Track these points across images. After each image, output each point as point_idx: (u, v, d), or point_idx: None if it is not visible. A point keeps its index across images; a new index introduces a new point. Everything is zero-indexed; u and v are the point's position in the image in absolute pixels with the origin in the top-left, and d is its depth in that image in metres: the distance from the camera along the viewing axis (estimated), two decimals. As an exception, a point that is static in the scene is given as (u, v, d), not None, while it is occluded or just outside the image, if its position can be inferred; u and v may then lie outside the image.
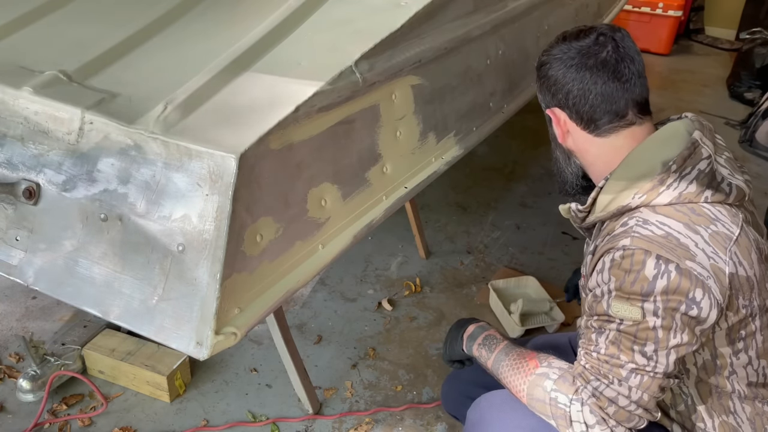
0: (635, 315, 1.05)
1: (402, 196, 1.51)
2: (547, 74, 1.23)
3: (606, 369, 1.08)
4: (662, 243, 1.05)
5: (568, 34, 1.23)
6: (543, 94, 1.26)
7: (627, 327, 1.06)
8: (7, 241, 1.27)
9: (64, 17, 1.54)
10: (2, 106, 1.25)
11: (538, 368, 1.17)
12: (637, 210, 1.11)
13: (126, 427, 1.86)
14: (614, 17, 2.95)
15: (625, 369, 1.06)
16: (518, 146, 3.55)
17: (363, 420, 1.91)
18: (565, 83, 1.20)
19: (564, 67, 1.20)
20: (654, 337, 1.04)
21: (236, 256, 1.12)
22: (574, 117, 1.22)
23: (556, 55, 1.21)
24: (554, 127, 1.27)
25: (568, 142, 1.26)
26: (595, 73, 1.17)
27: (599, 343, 1.09)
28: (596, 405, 1.07)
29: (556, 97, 1.22)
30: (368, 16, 1.48)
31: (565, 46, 1.21)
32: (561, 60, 1.20)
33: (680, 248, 1.04)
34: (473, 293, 2.47)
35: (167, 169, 1.13)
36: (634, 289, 1.04)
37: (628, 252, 1.06)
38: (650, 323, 1.04)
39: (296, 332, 2.21)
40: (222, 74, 1.28)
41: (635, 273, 1.04)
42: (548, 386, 1.13)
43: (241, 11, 1.58)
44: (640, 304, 1.04)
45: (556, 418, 1.12)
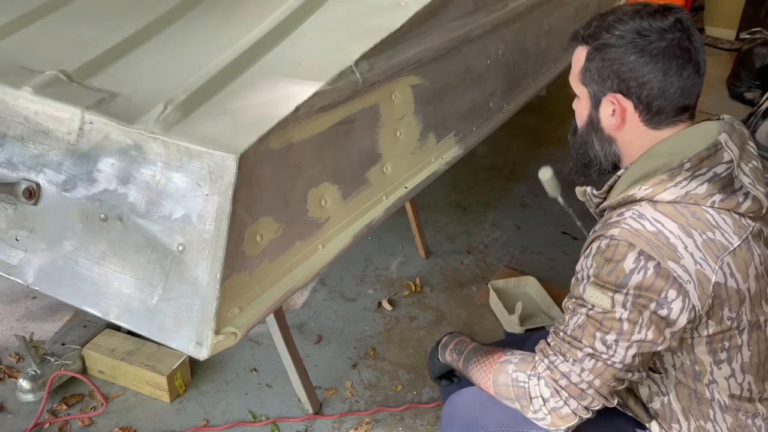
0: (605, 303, 1.06)
1: (402, 196, 1.51)
2: (615, 57, 1.11)
3: (566, 348, 1.10)
4: (649, 239, 1.04)
5: (640, 10, 1.11)
6: (600, 76, 1.14)
7: (595, 313, 1.07)
8: (7, 241, 1.27)
9: (64, 17, 1.54)
10: (2, 106, 1.25)
11: (501, 357, 1.20)
12: (638, 203, 1.10)
13: (126, 427, 1.86)
14: (614, 17, 2.95)
15: (583, 352, 1.08)
16: (518, 146, 3.55)
17: (363, 420, 1.91)
18: (644, 73, 1.09)
19: (644, 55, 1.09)
20: (618, 327, 1.05)
21: (236, 256, 1.12)
22: (640, 108, 1.13)
23: (631, 37, 1.09)
24: (604, 113, 1.17)
25: (617, 131, 1.17)
26: (681, 66, 1.09)
27: (569, 324, 1.11)
28: (550, 377, 1.10)
29: (623, 84, 1.11)
30: (368, 16, 1.48)
31: (639, 24, 1.09)
32: (637, 45, 1.09)
33: (667, 248, 1.03)
34: (473, 293, 2.47)
35: (167, 169, 1.13)
36: (609, 279, 1.05)
37: (614, 242, 1.06)
38: (617, 314, 1.05)
39: (296, 332, 2.21)
40: (222, 74, 1.28)
41: (614, 263, 1.05)
42: (510, 369, 1.16)
43: (241, 11, 1.58)
44: (611, 294, 1.05)
45: (519, 398, 1.14)
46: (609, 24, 1.12)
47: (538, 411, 1.11)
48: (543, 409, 1.11)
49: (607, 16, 1.15)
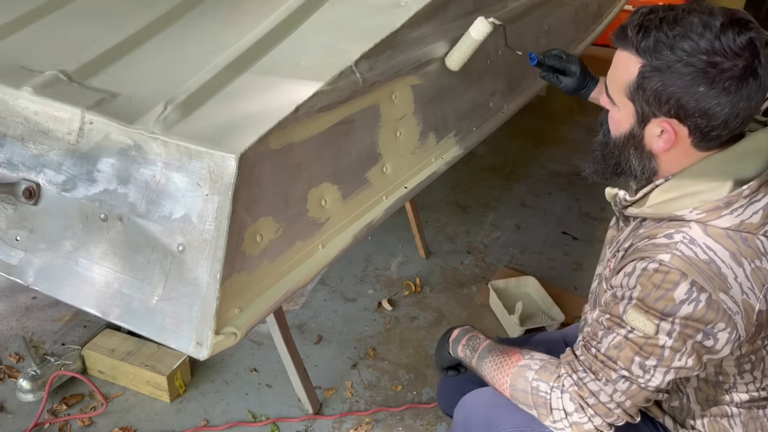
0: (648, 329, 1.02)
1: (402, 196, 1.51)
2: (680, 85, 0.99)
3: (598, 366, 1.07)
4: (702, 269, 1.00)
5: (709, 24, 0.97)
6: (657, 99, 1.02)
7: (636, 337, 1.04)
8: (7, 241, 1.27)
9: (64, 17, 1.54)
10: (2, 106, 1.25)
11: (520, 361, 1.18)
12: (686, 224, 1.04)
13: (126, 427, 1.86)
14: (614, 17, 2.95)
15: (617, 373, 1.06)
16: (518, 146, 3.55)
17: (363, 420, 1.91)
18: (711, 105, 0.99)
19: (715, 87, 0.98)
20: (659, 354, 1.03)
21: (236, 256, 1.12)
22: (696, 134, 1.04)
23: (702, 66, 0.97)
24: (650, 133, 1.07)
25: (664, 152, 1.09)
26: (750, 94, 0.99)
27: (603, 342, 1.08)
28: (577, 393, 1.08)
29: (682, 112, 1.01)
30: (368, 16, 1.48)
31: (709, 46, 0.97)
32: (708, 75, 0.97)
33: (718, 278, 1.00)
34: (473, 293, 2.47)
35: (167, 169, 1.13)
36: (656, 306, 1.01)
37: (664, 268, 1.01)
38: (660, 341, 1.02)
39: (296, 332, 2.21)
40: (222, 74, 1.28)
41: (663, 291, 1.00)
42: (530, 376, 1.14)
43: (241, 11, 1.58)
44: (657, 321, 1.01)
45: (537, 406, 1.12)
46: (674, 40, 0.99)
47: (558, 422, 1.10)
48: (563, 421, 1.09)
49: (669, 25, 1.00)
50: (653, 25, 1.02)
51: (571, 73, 1.57)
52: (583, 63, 1.60)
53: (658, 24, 1.01)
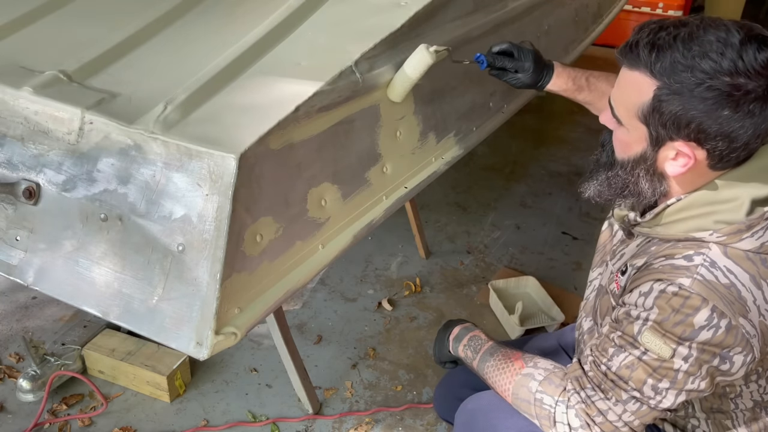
0: (664, 353, 1.00)
1: (402, 196, 1.51)
2: (702, 109, 0.94)
3: (608, 386, 1.05)
4: (723, 294, 0.97)
5: (728, 41, 0.92)
6: (676, 123, 0.97)
7: (650, 359, 1.02)
8: (7, 241, 1.27)
9: (64, 17, 1.54)
10: (2, 106, 1.25)
11: (523, 368, 1.16)
12: (705, 244, 1.01)
13: (126, 427, 1.86)
14: (614, 17, 2.95)
15: (628, 394, 1.04)
16: (518, 146, 3.55)
17: (363, 420, 1.91)
18: (734, 128, 0.95)
19: (739, 111, 0.93)
20: (673, 377, 1.01)
21: (236, 256, 1.12)
22: (714, 156, 0.99)
23: (726, 89, 0.92)
24: (664, 155, 1.02)
25: (678, 175, 1.04)
26: None
27: (613, 360, 1.05)
28: (584, 411, 1.06)
29: (703, 135, 0.96)
30: (368, 16, 1.48)
31: (732, 66, 0.92)
32: (733, 98, 0.92)
33: (739, 302, 0.98)
34: (473, 293, 2.47)
35: (167, 169, 1.13)
36: (675, 330, 0.99)
37: (684, 293, 0.98)
38: (676, 365, 1.00)
39: (296, 332, 2.21)
40: (222, 74, 1.28)
41: (683, 315, 0.98)
42: (533, 387, 1.12)
43: (241, 11, 1.58)
44: (674, 345, 0.99)
45: (540, 418, 1.12)
46: (693, 61, 0.93)
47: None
48: None
49: (685, 43, 0.94)
50: (667, 44, 0.96)
51: (524, 69, 1.44)
52: (537, 53, 1.45)
53: (672, 42, 0.95)
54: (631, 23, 5.05)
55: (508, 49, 1.44)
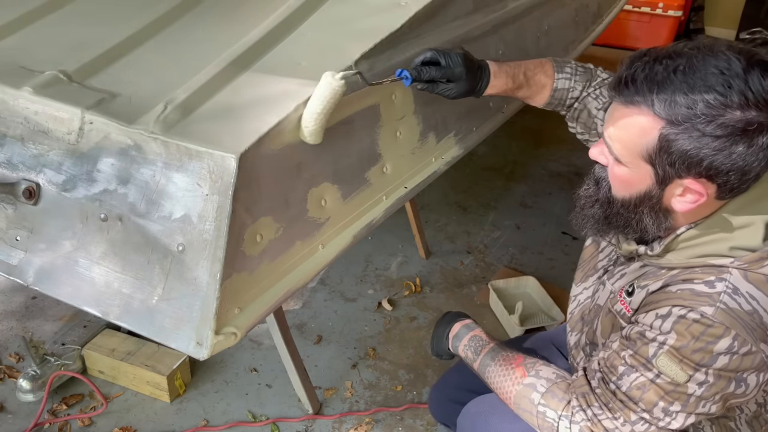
0: (680, 378, 0.98)
1: (402, 196, 1.51)
2: (715, 147, 0.91)
3: (617, 405, 1.04)
4: (746, 321, 0.96)
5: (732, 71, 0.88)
6: (685, 163, 0.93)
7: (663, 382, 1.00)
8: (7, 241, 1.27)
9: (64, 17, 1.54)
10: (2, 106, 1.25)
11: (525, 378, 1.14)
12: (726, 269, 0.98)
13: (126, 427, 1.86)
14: (614, 17, 2.95)
15: (637, 415, 1.02)
16: (518, 146, 3.55)
17: (363, 420, 1.91)
18: (748, 162, 0.92)
19: (753, 145, 0.90)
20: (685, 400, 0.99)
21: (236, 256, 1.12)
22: (724, 190, 0.97)
23: (741, 126, 0.88)
24: (671, 192, 0.99)
25: (687, 211, 1.01)
26: None
27: (623, 379, 1.03)
28: (589, 429, 1.05)
29: (714, 171, 0.93)
30: (368, 16, 1.48)
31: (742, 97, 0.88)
32: (747, 134, 0.89)
33: (760, 328, 0.96)
34: (473, 293, 2.47)
35: (167, 169, 1.13)
36: (693, 357, 0.97)
37: (707, 321, 0.96)
38: (690, 390, 0.99)
39: (296, 332, 2.21)
40: (222, 74, 1.28)
41: (704, 343, 0.96)
42: (536, 399, 1.11)
43: (241, 11, 1.58)
44: (691, 372, 0.98)
45: (543, 429, 1.11)
46: (699, 96, 0.89)
47: None
48: None
49: (687, 76, 0.90)
50: (667, 79, 0.91)
51: (456, 77, 1.28)
52: (468, 56, 1.30)
53: (671, 76, 0.91)
54: (631, 23, 5.05)
55: (433, 58, 1.28)
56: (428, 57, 1.28)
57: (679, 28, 5.33)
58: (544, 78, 1.37)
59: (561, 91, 1.38)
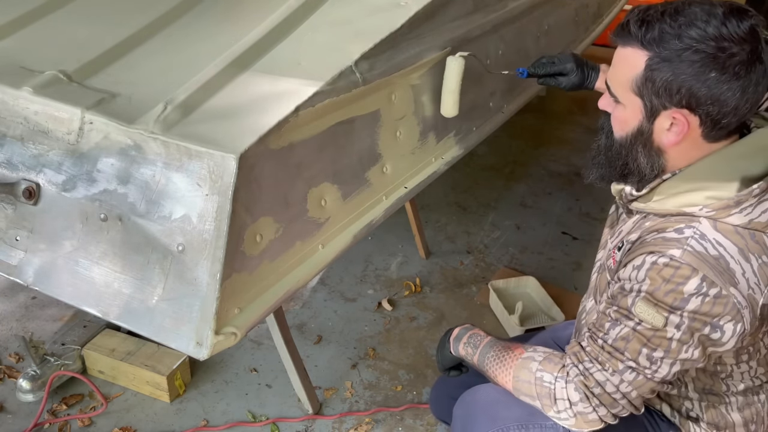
0: (657, 322, 1.03)
1: (402, 196, 1.51)
2: (691, 72, 1.00)
3: (605, 357, 1.08)
4: (712, 264, 1.01)
5: (712, 12, 0.99)
6: (667, 90, 1.02)
7: (644, 329, 1.05)
8: (7, 241, 1.27)
9: (64, 17, 1.54)
10: (2, 106, 1.25)
11: (523, 354, 1.19)
12: (696, 219, 1.05)
13: (126, 427, 1.86)
14: (614, 17, 2.95)
15: (624, 364, 1.07)
16: (518, 146, 3.55)
17: (363, 420, 1.91)
18: (722, 91, 0.99)
19: (725, 72, 0.98)
20: (667, 346, 1.04)
21: (236, 256, 1.12)
22: (706, 124, 1.04)
23: (712, 51, 0.97)
24: (659, 127, 1.07)
25: (674, 145, 1.08)
26: (758, 80, 1.00)
27: (609, 333, 1.08)
28: (582, 383, 1.09)
29: (694, 100, 1.01)
30: (368, 16, 1.48)
31: (717, 32, 0.98)
32: (719, 60, 0.98)
33: (727, 273, 1.01)
34: (473, 293, 2.47)
35: (167, 169, 1.13)
36: (666, 299, 1.02)
37: (675, 263, 1.02)
38: (668, 334, 1.03)
39: (296, 332, 2.21)
40: (222, 74, 1.28)
41: (674, 285, 1.02)
42: (534, 367, 1.15)
43: (241, 11, 1.58)
44: (666, 314, 1.02)
45: (541, 397, 1.13)
46: (680, 29, 1.00)
47: (562, 412, 1.11)
48: (567, 411, 1.10)
49: (672, 16, 1.02)
50: (655, 18, 1.02)
51: (568, 72, 1.58)
52: (578, 57, 1.59)
53: (660, 16, 1.02)
54: (631, 23, 5.03)
55: (548, 61, 1.60)
56: (543, 61, 1.60)
57: (679, 28, 5.31)
58: None
59: None
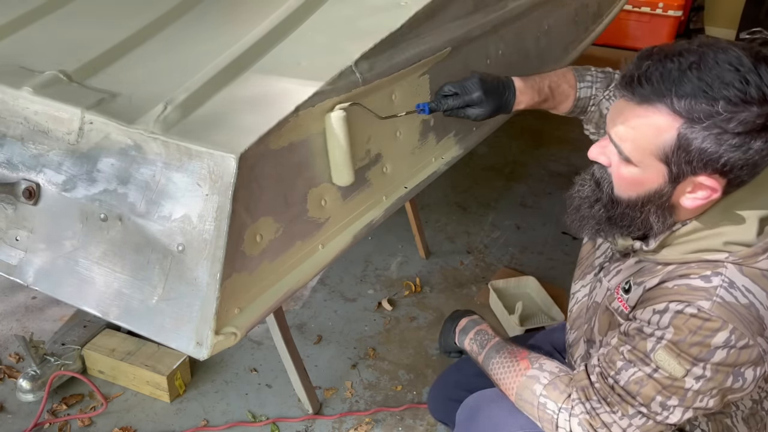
0: (677, 372, 0.99)
1: (402, 196, 1.51)
2: (734, 143, 0.90)
3: (615, 399, 1.04)
4: (743, 314, 0.96)
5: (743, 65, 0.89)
6: (701, 159, 0.93)
7: (661, 377, 1.00)
8: (7, 241, 1.27)
9: (64, 17, 1.54)
10: (2, 106, 1.25)
11: (529, 369, 1.16)
12: (722, 264, 0.99)
13: (126, 427, 1.86)
14: (614, 17, 2.95)
15: (635, 408, 1.03)
16: (518, 146, 3.55)
17: (363, 420, 1.91)
18: (761, 157, 0.92)
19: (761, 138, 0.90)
20: (683, 395, 1.00)
21: (236, 256, 1.12)
22: (733, 184, 0.97)
23: (762, 122, 0.88)
24: (682, 190, 0.98)
25: (695, 207, 1.00)
26: None
27: (621, 374, 1.04)
28: (587, 422, 1.06)
29: (728, 167, 0.93)
30: (368, 16, 1.48)
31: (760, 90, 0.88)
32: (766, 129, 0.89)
33: (757, 322, 0.96)
34: (473, 293, 2.47)
35: (167, 169, 1.13)
36: (691, 351, 0.97)
37: (704, 315, 0.96)
38: (687, 384, 0.99)
39: (296, 332, 2.21)
40: (222, 74, 1.28)
41: (701, 337, 0.97)
42: (538, 390, 1.12)
43: (241, 11, 1.58)
44: (689, 366, 0.98)
45: (543, 421, 1.11)
46: (716, 92, 0.89)
47: None
48: None
49: (701, 72, 0.90)
50: (682, 75, 0.91)
51: (475, 102, 1.31)
52: (486, 80, 1.32)
53: (687, 73, 0.91)
54: (631, 23, 5.05)
55: (449, 90, 1.32)
56: (444, 91, 1.34)
57: (679, 28, 5.33)
58: (567, 88, 1.41)
59: (583, 99, 1.43)
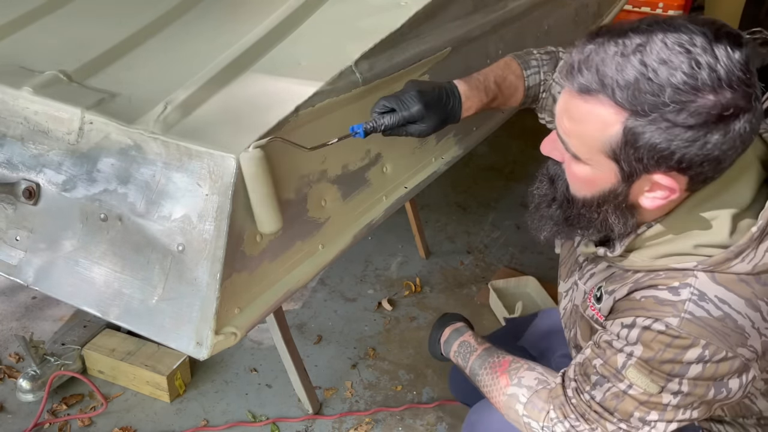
0: (651, 389, 0.92)
1: (402, 196, 1.51)
2: (688, 138, 0.79)
3: (593, 417, 0.98)
4: (716, 328, 0.87)
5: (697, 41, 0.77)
6: (652, 156, 0.82)
7: (636, 393, 0.94)
8: (7, 241, 1.27)
9: (64, 17, 1.54)
10: (2, 106, 1.25)
11: (508, 387, 1.11)
12: (691, 272, 0.90)
13: (126, 427, 1.86)
14: (614, 17, 2.95)
15: (614, 424, 0.97)
16: (518, 146, 3.55)
17: (363, 420, 1.91)
18: (724, 150, 0.80)
19: (730, 131, 0.79)
20: (662, 410, 0.93)
21: (236, 256, 1.12)
22: (696, 181, 0.86)
23: (716, 113, 0.77)
24: (638, 189, 0.89)
25: (655, 207, 0.91)
26: (757, 125, 0.82)
27: (596, 389, 0.98)
28: None
29: (685, 163, 0.82)
30: (368, 16, 1.48)
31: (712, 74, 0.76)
32: (724, 120, 0.78)
33: (735, 332, 0.88)
34: (473, 293, 2.47)
35: (167, 169, 1.13)
36: (663, 368, 0.91)
37: (673, 332, 0.89)
38: (665, 400, 0.92)
39: (296, 332, 2.21)
40: (222, 74, 1.28)
41: (672, 354, 0.90)
42: (519, 410, 1.09)
43: (241, 11, 1.58)
44: (663, 383, 0.91)
45: None
46: (663, 78, 0.78)
47: None
48: None
49: (646, 56, 0.78)
50: (625, 61, 0.79)
51: (416, 118, 1.16)
52: (425, 90, 1.17)
53: (630, 58, 0.79)
54: (631, 23, 5.04)
55: (385, 107, 1.17)
56: (379, 108, 1.17)
57: (679, 28, 5.32)
58: (514, 79, 1.28)
59: (533, 87, 1.30)
